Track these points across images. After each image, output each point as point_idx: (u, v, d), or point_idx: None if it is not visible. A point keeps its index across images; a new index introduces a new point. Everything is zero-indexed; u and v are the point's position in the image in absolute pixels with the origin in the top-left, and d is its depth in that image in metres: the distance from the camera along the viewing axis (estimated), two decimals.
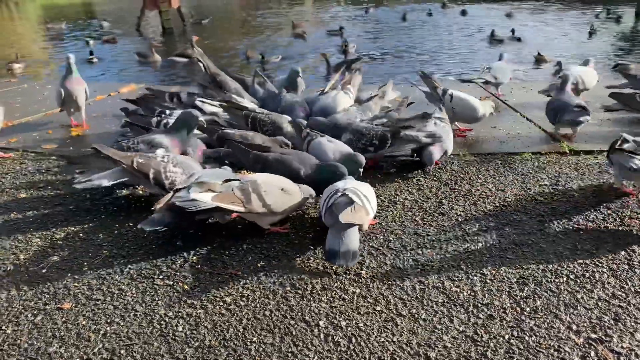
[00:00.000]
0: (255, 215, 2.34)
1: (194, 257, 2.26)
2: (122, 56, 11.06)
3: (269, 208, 2.32)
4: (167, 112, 3.54)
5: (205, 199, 2.20)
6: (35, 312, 1.94)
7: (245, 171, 2.93)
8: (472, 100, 3.52)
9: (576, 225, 2.39)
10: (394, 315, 1.85)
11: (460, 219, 2.49)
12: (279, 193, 2.37)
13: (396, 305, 1.90)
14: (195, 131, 3.21)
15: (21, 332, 1.84)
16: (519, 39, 10.37)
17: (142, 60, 9.86)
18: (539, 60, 8.28)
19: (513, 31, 10.73)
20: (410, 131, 3.00)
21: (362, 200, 2.23)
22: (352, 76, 4.13)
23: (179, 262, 2.24)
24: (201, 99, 3.65)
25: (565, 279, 2.01)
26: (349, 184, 2.33)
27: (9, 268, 2.23)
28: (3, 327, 1.87)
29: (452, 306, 1.89)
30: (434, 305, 1.89)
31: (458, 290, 1.97)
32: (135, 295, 2.03)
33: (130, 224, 2.55)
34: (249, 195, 2.28)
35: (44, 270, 2.20)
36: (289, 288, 2.03)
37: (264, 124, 3.35)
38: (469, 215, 2.52)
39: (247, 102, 3.77)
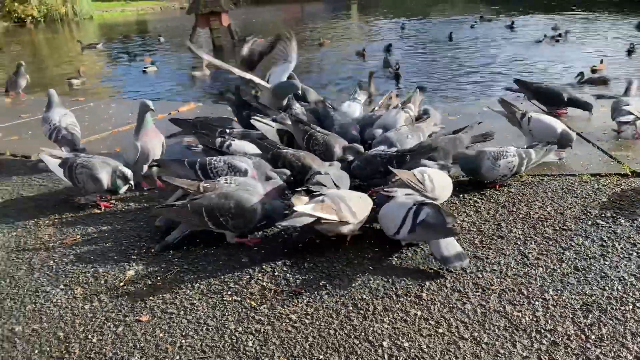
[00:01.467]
0: (338, 224, 2.44)
1: (259, 274, 2.38)
2: (176, 73, 11.55)
3: (355, 215, 2.45)
4: (227, 131, 3.68)
5: (308, 211, 2.35)
6: (116, 323, 2.10)
7: None
8: (550, 121, 3.52)
9: None
10: (456, 338, 1.89)
11: (519, 243, 2.50)
12: (359, 201, 2.53)
13: (458, 328, 1.94)
14: (254, 149, 3.35)
15: (105, 342, 2.00)
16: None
17: (197, 77, 10.29)
18: (594, 72, 8.08)
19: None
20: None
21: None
22: (413, 95, 4.14)
23: (245, 278, 2.35)
24: (256, 117, 3.79)
25: (631, 306, 2.00)
26: (416, 197, 2.50)
27: (89, 281, 2.41)
28: (89, 337, 2.03)
29: (515, 331, 1.91)
30: (496, 330, 1.92)
31: (520, 315, 1.99)
32: (206, 310, 2.15)
33: (197, 240, 2.70)
34: (339, 204, 2.42)
35: (121, 284, 2.37)
36: (351, 308, 2.10)
37: (316, 143, 3.45)
38: (528, 238, 2.53)
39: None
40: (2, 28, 29.17)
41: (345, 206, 2.43)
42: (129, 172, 3.10)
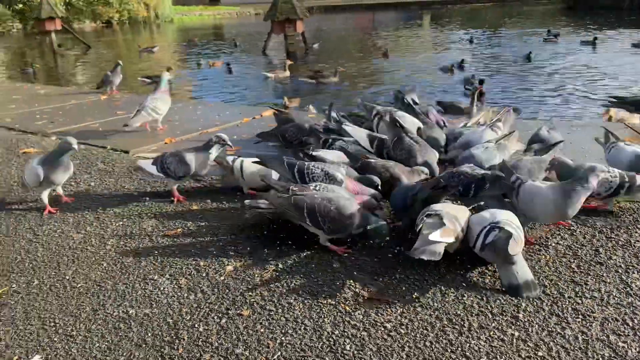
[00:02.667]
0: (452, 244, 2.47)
1: (351, 280, 2.44)
2: (254, 79, 11.98)
3: (463, 231, 2.49)
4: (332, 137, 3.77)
5: (440, 239, 2.36)
6: (220, 315, 2.23)
7: None
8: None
9: None
10: None
11: (620, 271, 2.42)
12: (464, 216, 2.55)
13: (559, 353, 1.91)
14: (340, 158, 3.43)
15: (211, 332, 2.13)
16: None
17: (273, 78, 10.72)
18: None
19: None
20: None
21: (517, 230, 2.30)
22: (504, 114, 4.06)
23: (338, 283, 2.43)
24: (348, 125, 3.87)
25: None
26: (498, 215, 2.42)
27: (192, 273, 2.57)
28: (196, 325, 2.17)
29: None
30: (600, 359, 1.88)
31: (625, 346, 1.93)
32: (302, 310, 2.24)
33: (289, 242, 2.80)
34: (455, 224, 2.45)
35: (221, 278, 2.51)
36: (445, 322, 2.12)
37: (401, 147, 3.47)
38: (630, 267, 2.44)
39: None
40: (90, 28, 31.28)
41: (458, 225, 2.46)
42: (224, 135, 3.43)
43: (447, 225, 2.41)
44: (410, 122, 3.99)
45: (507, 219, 2.43)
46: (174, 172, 3.36)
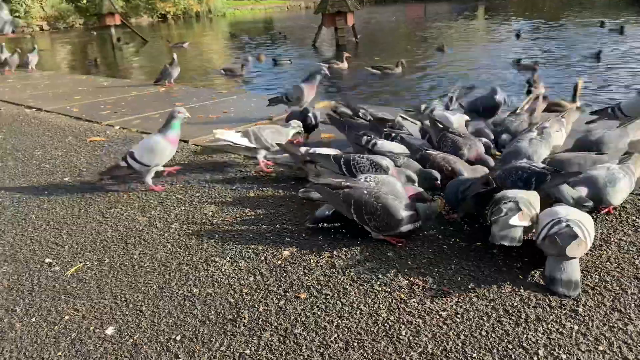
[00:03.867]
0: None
1: (405, 269, 2.47)
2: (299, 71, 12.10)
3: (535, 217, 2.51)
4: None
5: (519, 222, 2.42)
6: (278, 297, 2.32)
7: None
8: None
9: None
10: (619, 357, 1.84)
11: None
12: (536, 201, 2.57)
13: (620, 349, 1.88)
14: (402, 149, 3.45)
15: (270, 312, 2.22)
16: None
17: (335, 67, 10.88)
18: None
19: None
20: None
21: (585, 233, 2.24)
22: (569, 111, 3.92)
23: (392, 271, 2.46)
24: (402, 115, 3.88)
25: None
26: (572, 214, 2.36)
27: (251, 256, 2.68)
28: (256, 305, 2.27)
29: None
30: None
31: None
32: (358, 295, 2.30)
33: (344, 231, 2.86)
34: (530, 208, 2.48)
35: (279, 262, 2.60)
36: (502, 313, 2.12)
37: (445, 144, 3.46)
38: None
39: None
40: (147, 23, 32.38)
41: (533, 209, 2.48)
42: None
43: (523, 210, 2.43)
44: (455, 120, 3.93)
45: (580, 220, 2.35)
46: (268, 142, 3.74)
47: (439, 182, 3.03)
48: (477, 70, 10.95)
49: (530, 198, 2.56)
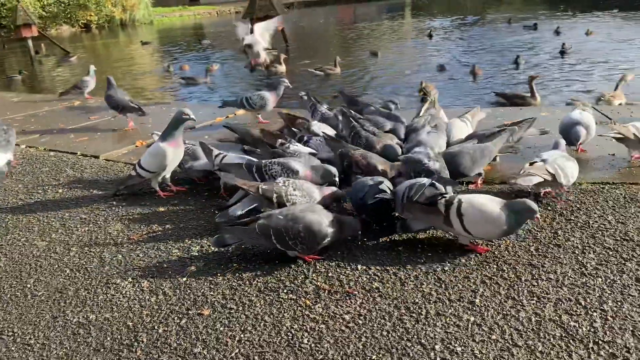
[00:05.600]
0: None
1: (314, 274, 2.45)
2: (233, 77, 11.93)
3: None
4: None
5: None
6: (180, 316, 2.23)
7: None
8: None
9: None
10: (509, 345, 1.89)
11: (577, 252, 2.45)
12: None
13: (512, 336, 1.94)
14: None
15: (170, 333, 2.13)
16: None
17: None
18: None
19: None
20: None
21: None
22: (476, 110, 4.07)
23: (300, 278, 2.44)
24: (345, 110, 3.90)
25: None
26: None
27: (155, 275, 2.57)
28: (155, 327, 2.17)
29: (571, 341, 1.89)
30: (552, 339, 1.90)
31: (577, 325, 1.96)
32: (263, 306, 2.25)
33: None
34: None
35: (184, 279, 2.51)
36: (403, 311, 2.14)
37: (359, 142, 3.51)
38: (587, 248, 2.47)
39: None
40: (69, 33, 30.89)
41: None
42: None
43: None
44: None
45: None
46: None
47: (336, 178, 3.04)
48: (406, 77, 10.91)
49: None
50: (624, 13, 17.79)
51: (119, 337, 2.13)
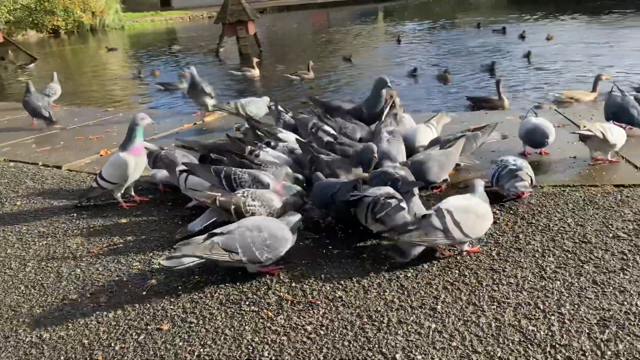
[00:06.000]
0: None
1: (277, 285, 2.42)
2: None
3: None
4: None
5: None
6: (138, 332, 2.17)
7: None
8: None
9: None
10: (469, 351, 1.90)
11: (537, 255, 2.48)
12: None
13: (472, 342, 1.94)
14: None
15: (127, 350, 2.07)
16: None
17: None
18: None
19: None
20: None
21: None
22: (441, 115, 4.12)
23: (263, 289, 2.40)
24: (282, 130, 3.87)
25: None
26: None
27: (114, 289, 2.50)
28: (112, 344, 2.11)
29: (529, 345, 1.90)
30: (510, 344, 1.92)
31: (535, 329, 1.98)
32: (224, 319, 2.21)
33: None
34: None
35: (144, 293, 2.45)
36: (366, 319, 2.13)
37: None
38: (547, 251, 2.51)
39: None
40: (37, 39, 30.17)
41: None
42: None
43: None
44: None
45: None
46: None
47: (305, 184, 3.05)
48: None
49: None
50: (586, 17, 18.27)
51: (73, 355, 2.06)
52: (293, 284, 2.42)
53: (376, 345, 1.97)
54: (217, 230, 2.45)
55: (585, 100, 6.79)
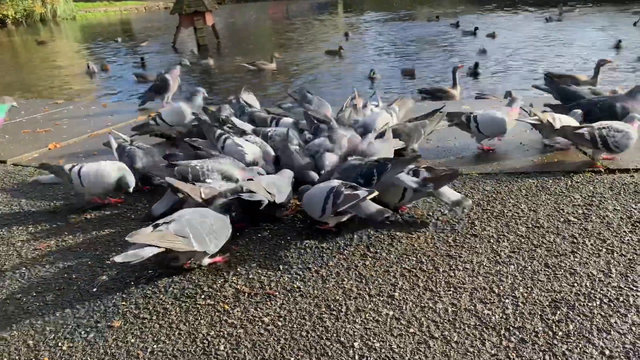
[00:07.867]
0: None
1: (234, 277, 2.37)
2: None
3: None
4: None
5: None
6: (87, 330, 2.08)
7: None
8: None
9: (610, 247, 2.39)
10: (426, 337, 1.91)
11: (492, 241, 2.52)
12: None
13: (429, 328, 1.96)
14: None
15: (76, 349, 1.98)
16: None
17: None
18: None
19: None
20: None
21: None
22: (403, 99, 4.14)
23: (220, 282, 2.35)
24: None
25: (598, 302, 2.02)
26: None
27: (62, 287, 2.39)
28: (59, 344, 2.01)
29: (484, 329, 1.92)
30: (466, 328, 1.94)
31: (490, 313, 2.01)
32: (179, 314, 2.14)
33: None
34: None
35: (94, 289, 2.35)
36: (324, 309, 2.11)
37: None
38: (501, 236, 2.55)
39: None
40: None
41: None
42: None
43: None
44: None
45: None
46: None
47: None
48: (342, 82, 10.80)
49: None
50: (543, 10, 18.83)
51: (17, 357, 1.95)
52: (250, 276, 2.37)
53: (334, 335, 1.95)
54: (160, 221, 2.36)
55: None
